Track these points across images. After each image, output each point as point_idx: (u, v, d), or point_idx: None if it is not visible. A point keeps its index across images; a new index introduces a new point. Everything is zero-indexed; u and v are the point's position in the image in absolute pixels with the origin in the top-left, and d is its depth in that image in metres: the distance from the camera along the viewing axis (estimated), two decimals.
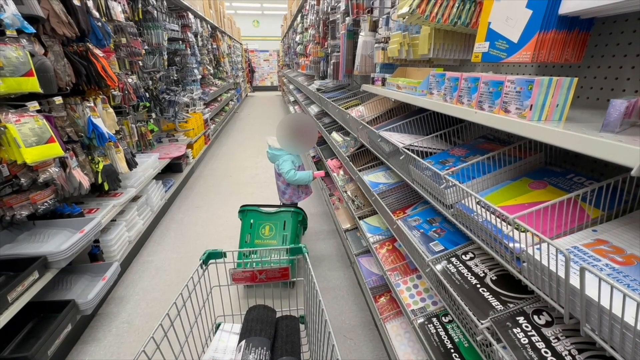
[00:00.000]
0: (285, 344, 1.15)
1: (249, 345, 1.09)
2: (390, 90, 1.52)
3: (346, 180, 2.62)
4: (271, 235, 2.27)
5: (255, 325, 1.19)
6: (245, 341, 1.11)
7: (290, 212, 2.30)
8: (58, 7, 1.87)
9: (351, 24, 2.44)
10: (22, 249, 1.78)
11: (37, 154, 1.68)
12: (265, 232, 2.29)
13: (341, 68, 2.75)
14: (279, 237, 2.26)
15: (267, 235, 2.29)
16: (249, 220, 2.31)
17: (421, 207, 1.56)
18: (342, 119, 2.46)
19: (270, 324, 1.23)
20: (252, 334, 1.14)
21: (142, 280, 2.52)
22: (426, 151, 1.26)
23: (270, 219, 2.30)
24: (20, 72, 1.60)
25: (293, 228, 2.28)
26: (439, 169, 1.07)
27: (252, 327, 1.18)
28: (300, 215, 2.34)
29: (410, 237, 1.21)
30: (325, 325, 0.94)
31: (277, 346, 1.14)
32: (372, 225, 1.93)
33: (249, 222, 2.31)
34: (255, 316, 1.24)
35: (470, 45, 1.50)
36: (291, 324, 1.28)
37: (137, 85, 3.18)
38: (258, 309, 1.29)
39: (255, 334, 1.14)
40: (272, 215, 2.31)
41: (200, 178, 4.78)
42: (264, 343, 1.11)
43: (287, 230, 2.27)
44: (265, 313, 1.27)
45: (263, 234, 2.28)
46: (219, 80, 8.12)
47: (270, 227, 2.29)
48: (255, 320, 1.22)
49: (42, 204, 1.89)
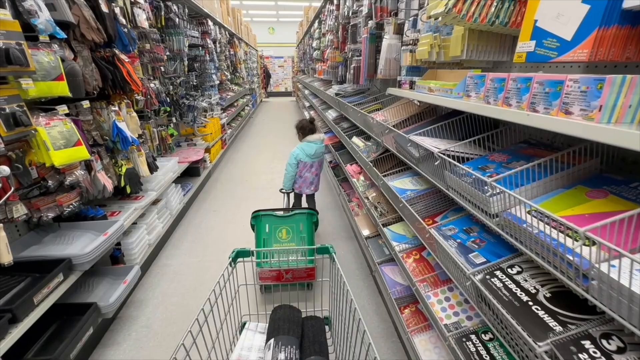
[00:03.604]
0: (313, 344, 1.14)
1: (278, 343, 1.08)
2: (421, 94, 1.46)
3: (367, 186, 2.55)
4: (289, 238, 2.27)
5: (282, 324, 1.18)
6: (274, 339, 1.10)
7: (305, 214, 2.30)
8: (88, 14, 1.91)
9: (374, 27, 2.41)
10: (47, 251, 1.80)
11: (65, 157, 1.70)
12: (283, 235, 2.28)
13: (362, 72, 2.71)
14: (297, 239, 2.25)
15: (284, 239, 2.27)
16: (264, 224, 2.30)
17: (453, 215, 1.48)
18: (364, 123, 2.41)
19: (297, 324, 1.22)
20: (280, 333, 1.14)
21: (161, 284, 2.52)
22: (462, 156, 1.19)
23: (286, 222, 2.30)
24: (52, 76, 1.63)
25: (309, 229, 2.28)
26: (480, 174, 1.00)
27: (280, 326, 1.17)
28: (315, 217, 2.35)
29: (446, 247, 1.13)
30: (360, 324, 0.92)
31: (305, 346, 1.13)
32: (397, 233, 1.86)
33: (264, 226, 2.30)
34: (282, 315, 1.24)
35: (506, 46, 1.43)
36: (317, 325, 1.26)
37: (158, 90, 3.23)
38: (284, 309, 1.28)
39: (283, 333, 1.14)
40: (287, 219, 2.30)
41: (217, 182, 4.81)
42: (292, 342, 1.10)
43: (303, 232, 2.27)
44: (291, 313, 1.26)
45: (280, 238, 2.27)
46: (235, 86, 8.24)
47: (287, 230, 2.29)
48: (282, 320, 1.21)
49: (67, 206, 1.90)
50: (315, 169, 2.82)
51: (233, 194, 4.33)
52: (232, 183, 4.77)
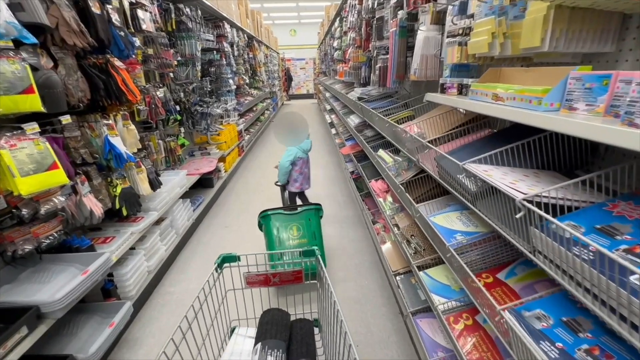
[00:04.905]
0: (300, 347, 1.15)
1: (264, 347, 1.10)
2: (480, 102, 1.03)
3: (396, 209, 2.13)
4: (300, 234, 2.34)
5: (270, 328, 1.21)
6: (261, 344, 1.12)
7: (313, 210, 2.40)
8: (69, 15, 1.64)
9: (405, 18, 1.98)
10: (19, 293, 1.55)
11: (34, 184, 1.43)
12: (294, 232, 2.34)
13: (390, 73, 2.29)
14: (309, 235, 2.32)
15: (295, 235, 2.34)
16: (274, 223, 2.33)
17: (524, 270, 1.04)
18: (394, 135, 2.00)
19: (285, 327, 1.24)
20: (268, 337, 1.16)
21: (161, 317, 2.23)
22: (558, 203, 0.76)
23: (296, 219, 2.36)
24: (17, 89, 1.37)
25: (318, 224, 2.38)
26: (607, 245, 0.58)
27: (267, 330, 1.19)
28: (321, 212, 2.43)
29: (537, 354, 0.70)
30: (341, 326, 0.94)
31: (293, 349, 1.14)
32: (438, 281, 1.42)
33: (275, 225, 2.33)
34: (270, 319, 1.26)
35: (611, 29, 0.98)
36: (305, 327, 1.28)
37: (166, 98, 2.98)
38: (272, 312, 1.31)
39: (271, 337, 1.16)
40: (296, 215, 2.37)
41: (232, 193, 4.54)
42: (279, 345, 1.11)
43: (313, 227, 2.35)
44: (279, 316, 1.29)
45: (292, 235, 2.34)
46: (254, 90, 8.02)
47: (297, 226, 2.36)
48: (270, 323, 1.23)
49: (46, 237, 1.65)
50: (308, 164, 3.04)
51: (247, 207, 4.03)
52: (247, 194, 4.48)
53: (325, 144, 7.08)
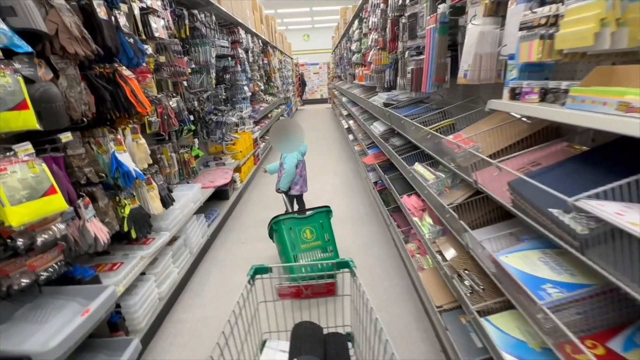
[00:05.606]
0: None
1: None
2: (593, 114, 0.75)
3: (437, 232, 1.84)
4: (313, 237, 2.35)
5: (304, 343, 1.20)
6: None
7: (324, 212, 2.41)
8: (70, 20, 1.47)
9: (448, 12, 1.72)
10: (12, 336, 1.35)
11: (27, 214, 1.24)
12: (307, 235, 2.35)
13: (426, 76, 2.02)
14: (322, 237, 2.36)
15: (309, 239, 2.35)
16: (287, 228, 2.31)
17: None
18: (435, 147, 1.72)
19: (319, 342, 1.23)
20: (303, 352, 1.14)
21: (172, 350, 2.02)
22: None
23: (308, 222, 2.37)
24: (8, 105, 1.18)
25: (329, 227, 2.41)
26: None
27: (302, 345, 1.18)
28: (331, 213, 2.45)
29: None
30: (387, 345, 0.89)
31: None
32: (509, 335, 1.12)
33: (288, 229, 2.31)
34: (303, 333, 1.25)
35: None
36: (339, 341, 1.26)
37: (179, 108, 2.81)
38: (304, 325, 1.31)
39: (305, 352, 1.14)
40: (308, 219, 2.37)
41: (248, 204, 4.34)
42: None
43: (325, 230, 2.38)
44: (312, 329, 1.28)
45: (306, 238, 2.34)
46: (269, 96, 7.88)
47: (310, 230, 2.36)
48: (302, 338, 1.22)
49: (44, 270, 1.46)
50: (305, 166, 3.09)
51: (263, 220, 3.78)
52: (261, 205, 4.27)
53: (343, 150, 6.81)
